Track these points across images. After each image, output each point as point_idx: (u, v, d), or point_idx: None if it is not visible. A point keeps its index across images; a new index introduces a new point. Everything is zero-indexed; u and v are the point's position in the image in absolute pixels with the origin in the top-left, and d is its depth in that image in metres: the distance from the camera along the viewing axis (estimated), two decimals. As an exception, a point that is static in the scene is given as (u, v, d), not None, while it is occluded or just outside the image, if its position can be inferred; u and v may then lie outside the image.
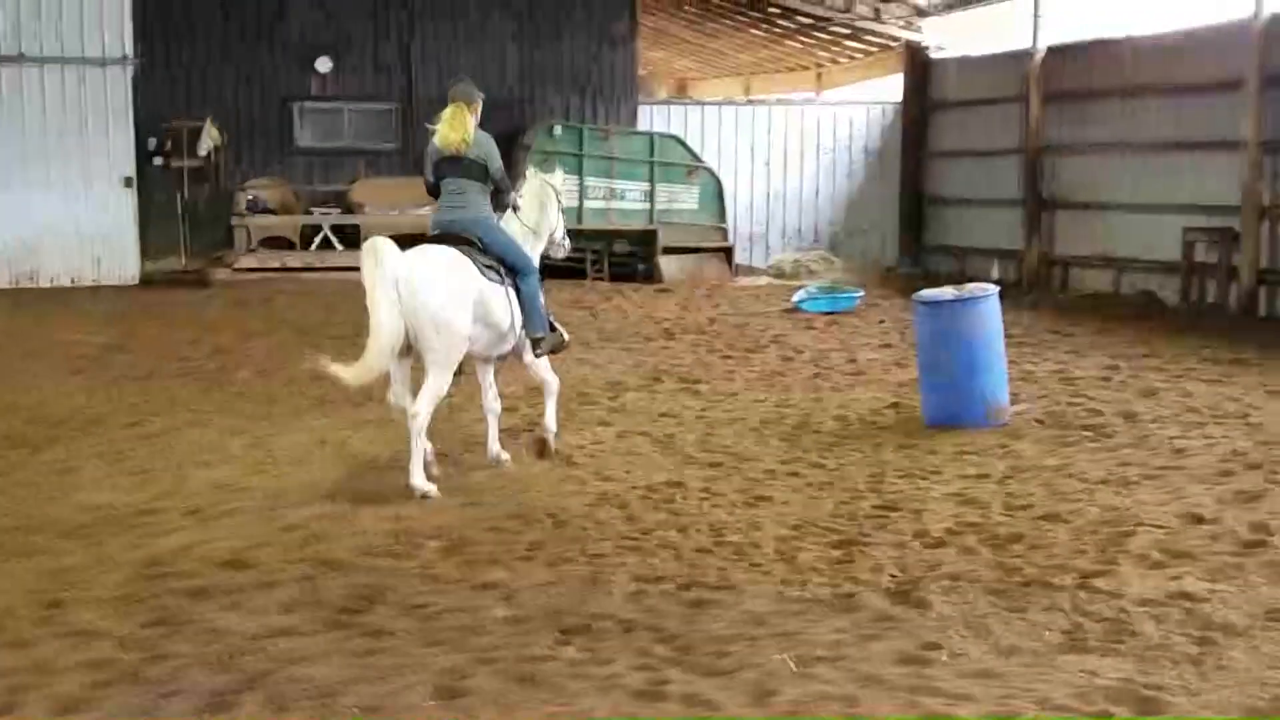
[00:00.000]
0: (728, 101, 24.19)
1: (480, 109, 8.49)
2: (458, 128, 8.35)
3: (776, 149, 22.74)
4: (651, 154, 20.59)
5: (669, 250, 20.43)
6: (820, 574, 6.25)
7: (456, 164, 8.38)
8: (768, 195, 22.74)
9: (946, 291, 9.91)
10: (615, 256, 20.42)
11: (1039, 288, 18.66)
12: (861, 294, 17.43)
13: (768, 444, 9.25)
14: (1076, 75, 18.48)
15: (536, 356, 8.57)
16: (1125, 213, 17.63)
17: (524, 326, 8.40)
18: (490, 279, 8.21)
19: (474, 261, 8.16)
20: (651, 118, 22.27)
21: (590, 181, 20.22)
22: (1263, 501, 7.31)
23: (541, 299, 8.50)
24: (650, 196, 20.52)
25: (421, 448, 7.80)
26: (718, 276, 20.46)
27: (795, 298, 17.26)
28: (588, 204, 20.18)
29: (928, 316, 9.84)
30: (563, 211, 9.57)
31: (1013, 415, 9.78)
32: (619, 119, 21.79)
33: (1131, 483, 7.84)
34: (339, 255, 19.19)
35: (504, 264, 8.33)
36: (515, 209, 8.83)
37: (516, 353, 8.55)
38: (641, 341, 14.42)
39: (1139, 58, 17.46)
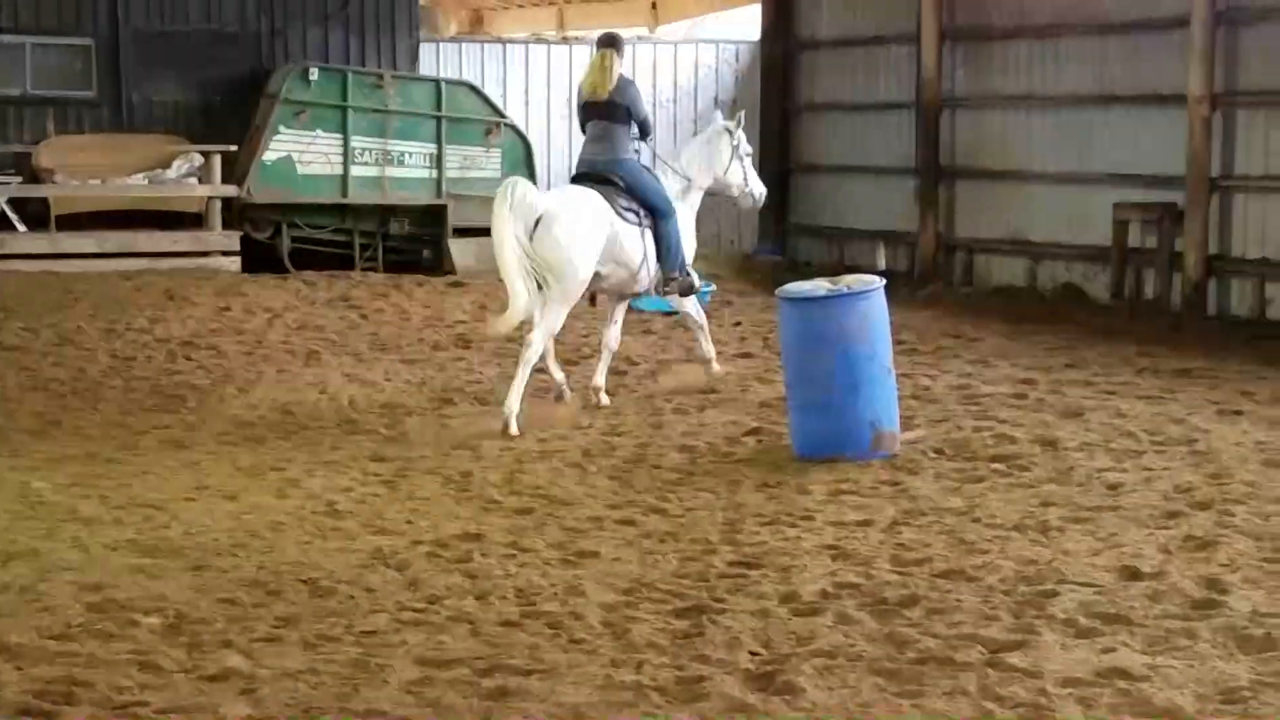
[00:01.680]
0: (537, 39, 24.17)
1: (625, 55, 11.57)
2: (602, 72, 11.40)
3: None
4: (439, 107, 20.47)
5: (463, 232, 20.31)
6: (660, 652, 6.26)
7: (600, 108, 11.41)
8: (592, 160, 22.78)
9: (819, 285, 10.02)
10: (392, 240, 20.26)
11: (936, 280, 19.02)
12: (712, 288, 17.55)
13: (593, 484, 9.25)
14: (979, 9, 18.87)
15: (664, 295, 11.79)
16: (1042, 184, 18.05)
17: (658, 264, 11.47)
18: (627, 220, 11.27)
19: (612, 203, 11.14)
20: (439, 59, 22.14)
21: (358, 143, 20.04)
22: (1215, 550, 7.54)
23: (682, 242, 11.69)
24: (438, 162, 20.39)
25: (525, 377, 10.60)
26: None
27: (627, 293, 17.30)
28: (355, 171, 20.00)
29: (796, 317, 9.94)
30: (747, 157, 12.84)
31: (905, 444, 9.93)
32: (396, 61, 21.63)
33: (1053, 528, 8.01)
34: (22, 239, 18.71)
35: (644, 205, 11.32)
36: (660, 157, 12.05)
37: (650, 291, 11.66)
38: (428, 351, 14.33)
39: (1054, -12, 17.94)
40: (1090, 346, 14.19)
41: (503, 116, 20.92)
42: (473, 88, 21.05)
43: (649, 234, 11.51)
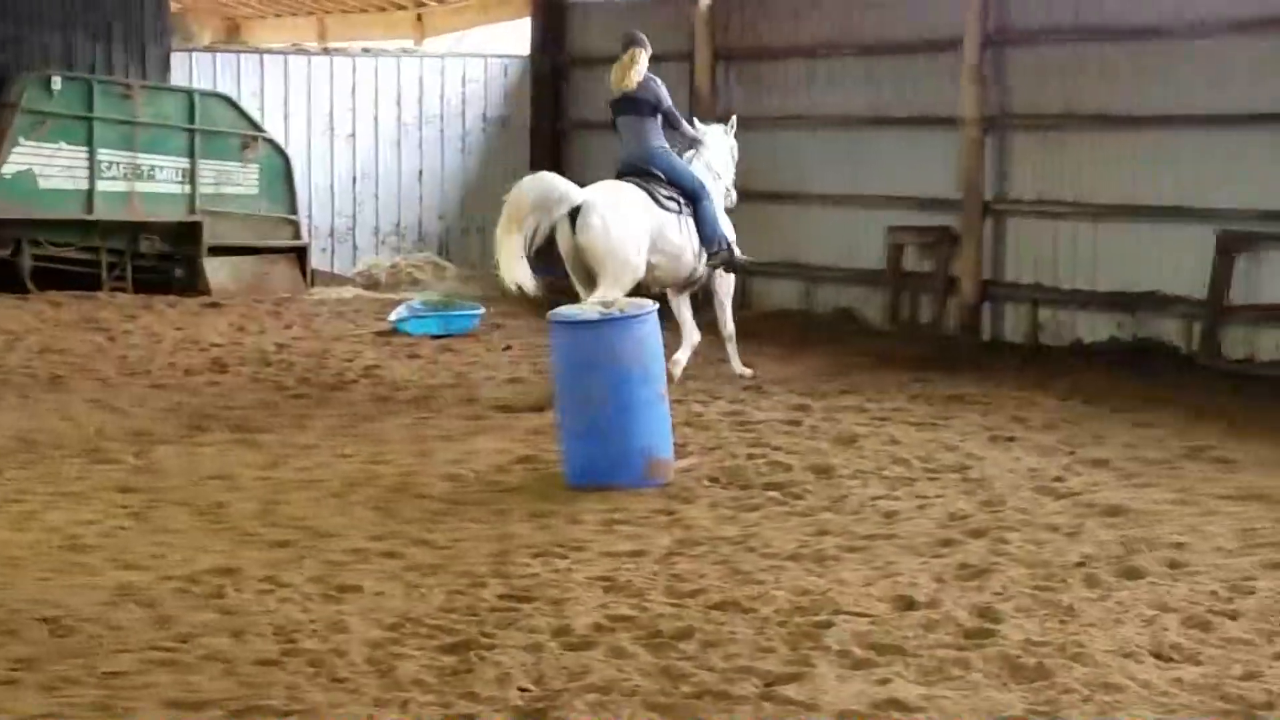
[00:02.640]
0: (297, 50, 23.93)
1: (649, 54, 13.26)
2: (626, 70, 13.15)
3: (365, 115, 22.64)
4: (192, 119, 20.17)
5: (219, 250, 20.04)
6: (427, 689, 6.22)
7: (629, 103, 13.14)
8: (354, 177, 22.61)
9: (592, 309, 10.06)
10: (143, 258, 19.89)
11: (709, 302, 19.17)
12: (482, 311, 17.55)
13: (355, 515, 9.17)
14: (753, 28, 19.13)
15: (710, 267, 13.06)
16: (817, 207, 18.33)
17: (701, 244, 12.83)
18: (668, 209, 12.65)
19: (652, 193, 12.58)
20: (192, 70, 21.80)
21: (105, 155, 19.65)
22: (988, 578, 7.71)
23: (721, 218, 13.14)
24: (191, 177, 20.08)
25: None
26: (287, 286, 20.21)
27: (394, 316, 17.22)
28: (102, 186, 19.60)
29: (568, 341, 9.97)
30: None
31: (678, 472, 10.01)
32: (146, 71, 21.25)
33: (829, 558, 8.13)
34: None
35: (681, 191, 12.70)
36: (697, 146, 13.51)
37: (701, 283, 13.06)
38: (180, 376, 14.11)
39: (826, 8, 18.22)
40: (865, 371, 14.44)
41: (260, 130, 20.69)
42: (228, 99, 20.78)
43: (689, 220, 12.90)
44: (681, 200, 12.92)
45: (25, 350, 15.29)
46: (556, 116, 22.56)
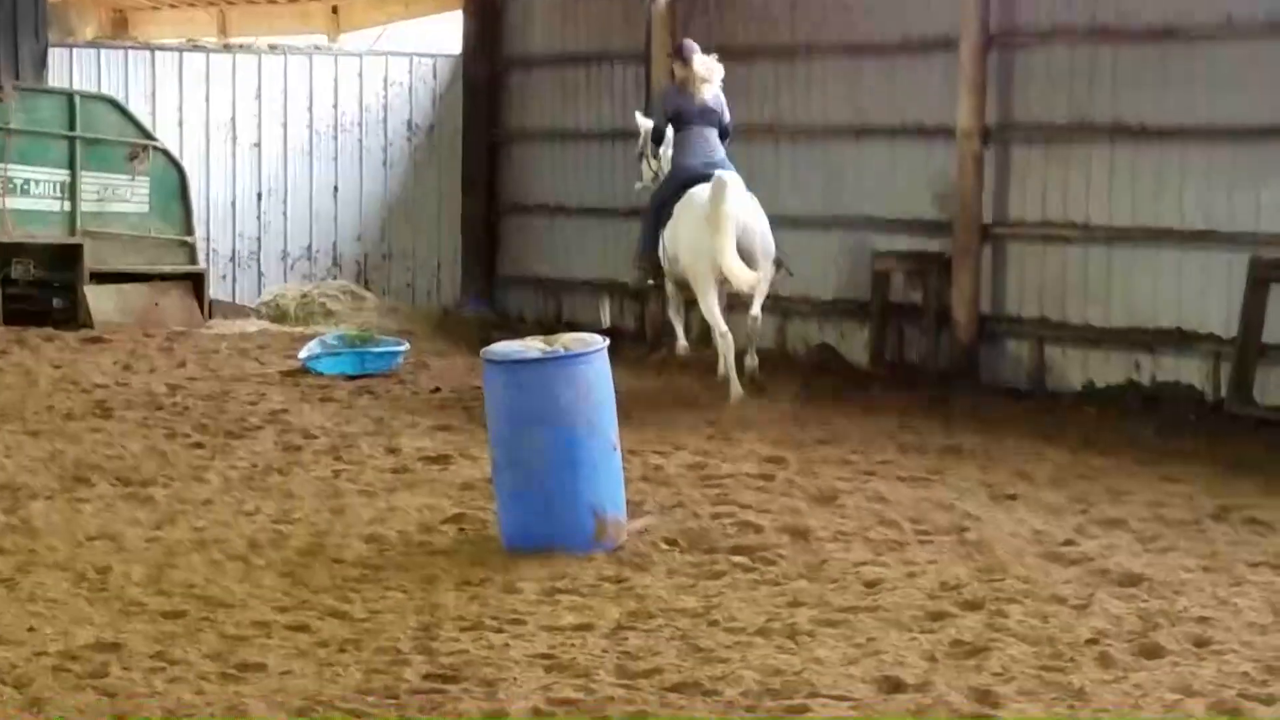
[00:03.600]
0: (193, 46, 23.94)
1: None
2: (703, 82, 15.39)
3: (272, 121, 22.65)
4: (72, 125, 20.14)
5: (103, 277, 19.99)
6: (340, 785, 6.19)
7: (708, 114, 15.47)
8: (259, 194, 22.61)
9: (532, 346, 10.06)
10: (15, 286, 19.81)
11: (669, 338, 19.23)
12: (405, 347, 17.53)
13: (259, 582, 9.14)
14: (717, 24, 19.18)
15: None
16: (791, 229, 18.26)
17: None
18: None
19: None
20: (73, 68, 21.79)
21: (-29, 167, 19.62)
22: (986, 657, 7.71)
23: None
24: (71, 192, 20.05)
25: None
26: (182, 318, 20.15)
27: (304, 353, 17.18)
28: (-32, 202, 19.57)
29: (504, 383, 9.95)
30: None
31: (632, 534, 10.00)
32: (19, 69, 21.21)
33: (803, 633, 8.13)
34: None
35: None
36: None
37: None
38: (59, 421, 14.04)
39: (800, 3, 18.30)
40: (847, 418, 14.46)
41: (151, 138, 20.66)
42: (114, 103, 20.75)
43: None
44: None
45: (-122, 391, 15.22)
46: (492, 125, 22.56)
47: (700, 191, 14.83)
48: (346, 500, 11.19)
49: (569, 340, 10.11)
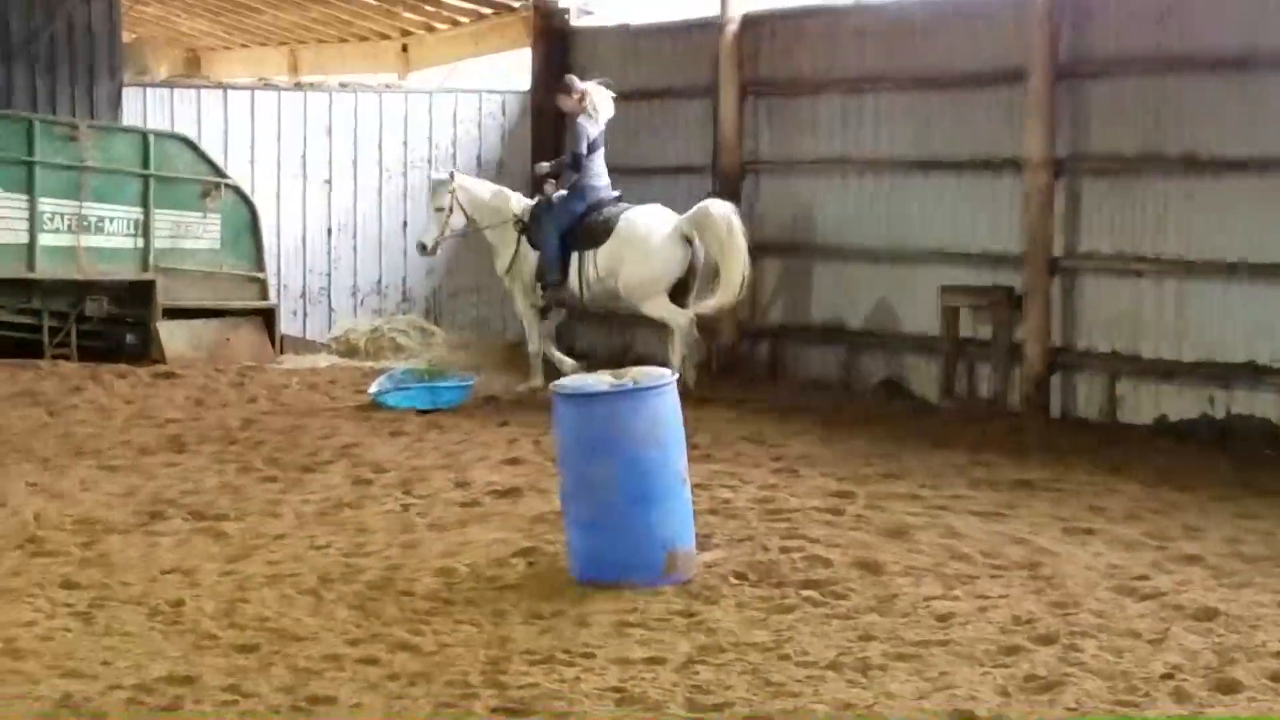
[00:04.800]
0: (265, 85, 24.10)
1: None
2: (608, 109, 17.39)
3: (342, 159, 22.76)
4: (146, 163, 20.28)
5: (175, 313, 20.11)
6: (412, 819, 6.20)
7: (601, 139, 17.42)
8: (329, 230, 22.70)
9: (602, 379, 10.07)
10: (89, 322, 19.96)
11: (738, 371, 19.22)
12: (474, 381, 17.57)
13: (331, 615, 9.16)
14: (786, 58, 19.20)
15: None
16: (859, 263, 18.35)
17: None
18: None
19: None
20: (146, 107, 21.94)
21: (48, 205, 19.75)
22: (1060, 692, 7.68)
23: None
24: (144, 229, 20.19)
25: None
26: (253, 354, 20.25)
27: (374, 388, 17.23)
28: (44, 240, 19.71)
29: (574, 417, 9.96)
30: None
31: (702, 567, 9.99)
32: (94, 109, 21.39)
33: (875, 667, 8.10)
34: None
35: None
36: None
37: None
38: (133, 456, 14.13)
39: (870, 35, 18.30)
40: (916, 453, 14.41)
41: (223, 176, 20.78)
42: (187, 141, 20.89)
43: None
44: None
45: (-47, 427, 15.34)
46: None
47: (643, 215, 17.44)
48: (417, 534, 11.21)
49: (638, 374, 10.12)
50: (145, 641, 8.61)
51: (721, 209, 16.94)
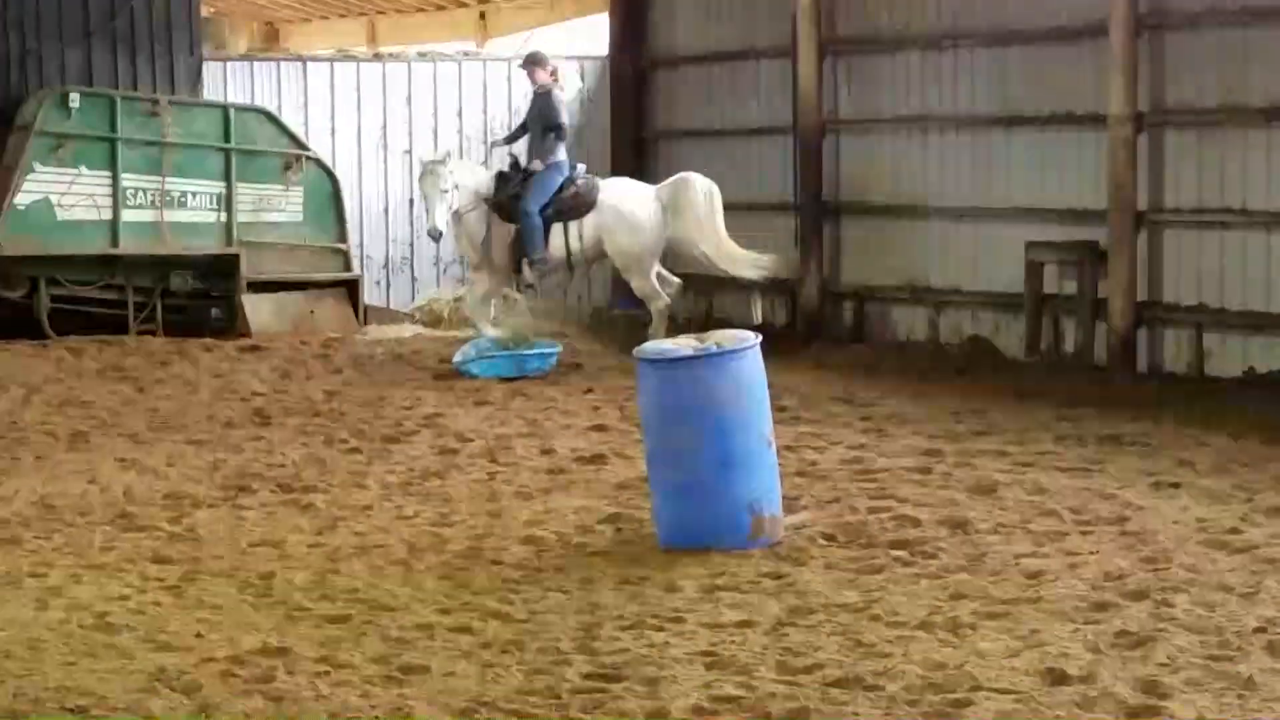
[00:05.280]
0: (344, 56, 24.19)
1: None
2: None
3: (423, 128, 22.83)
4: (227, 137, 20.38)
5: (259, 286, 20.22)
6: (505, 785, 6.23)
7: None
8: (412, 200, 22.75)
9: (684, 344, 10.07)
10: (174, 297, 20.09)
11: (822, 334, 19.19)
12: (558, 349, 17.60)
13: (420, 585, 9.20)
14: (864, 16, 19.12)
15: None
16: (943, 221, 18.29)
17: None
18: None
19: None
20: (226, 82, 22.06)
21: (130, 181, 19.88)
22: (1152, 647, 7.64)
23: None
24: (227, 203, 20.30)
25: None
26: (337, 325, 20.34)
27: (458, 357, 17.29)
28: (127, 216, 19.84)
29: (658, 382, 9.97)
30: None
31: (789, 529, 9.99)
32: (175, 84, 21.50)
33: (965, 626, 8.09)
34: None
35: None
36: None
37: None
38: (219, 429, 14.22)
39: (951, -8, 18.23)
40: (1003, 410, 14.37)
41: (304, 148, 20.86)
42: (267, 114, 20.98)
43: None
44: None
45: (44, 404, 15.46)
46: (639, 124, 22.62)
47: (623, 187, 18.13)
48: (503, 503, 11.25)
49: (721, 337, 10.11)
50: (237, 614, 8.67)
51: (703, 182, 17.66)
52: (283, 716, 7.02)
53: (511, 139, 18.21)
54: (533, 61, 18.08)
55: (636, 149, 22.62)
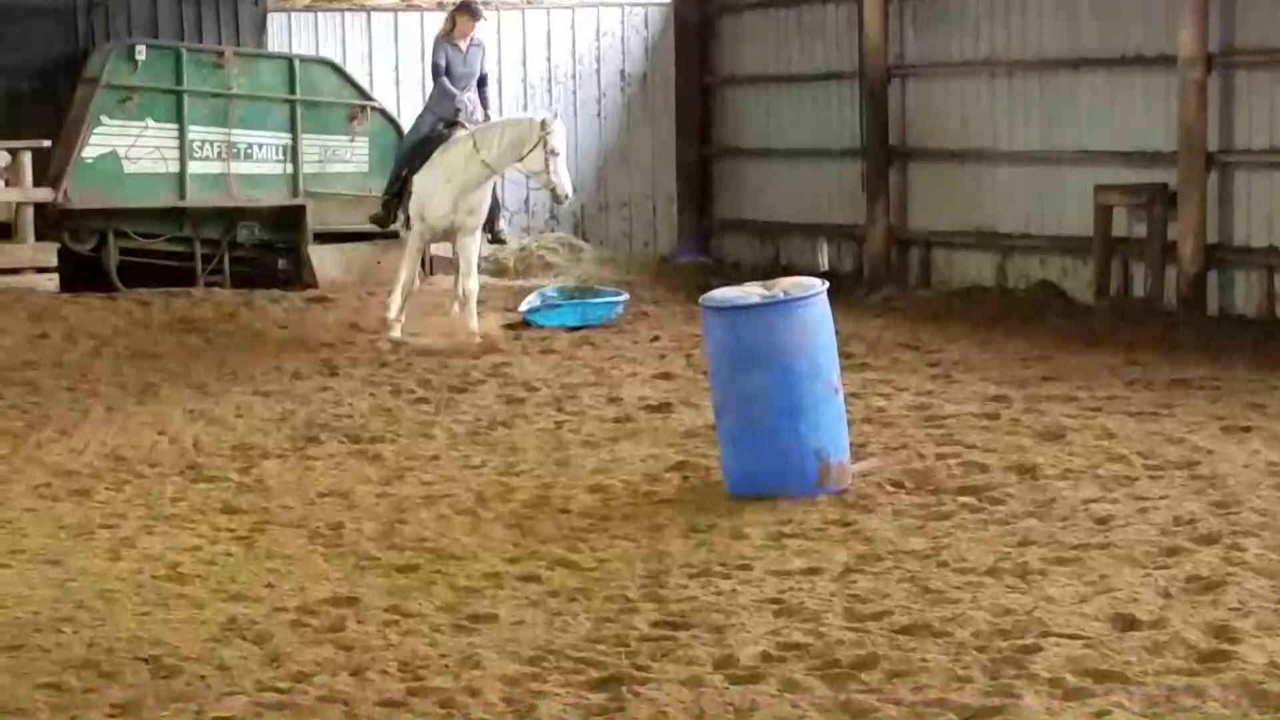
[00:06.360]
0: (408, 6, 24.13)
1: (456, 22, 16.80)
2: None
3: (487, 76, 22.77)
4: (293, 89, 20.37)
5: (325, 237, 20.24)
6: (574, 733, 6.26)
7: None
8: (476, 148, 22.74)
9: (751, 291, 10.06)
10: (241, 249, 20.15)
11: (890, 281, 19.15)
12: (624, 298, 17.60)
13: (488, 534, 9.25)
14: (931, -40, 19.04)
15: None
16: (1010, 165, 18.20)
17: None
18: None
19: None
20: (291, 32, 22.05)
21: (197, 134, 19.90)
22: (1223, 592, 7.62)
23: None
24: (293, 155, 20.29)
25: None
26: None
27: (524, 306, 17.32)
28: (194, 168, 19.86)
29: (724, 330, 9.97)
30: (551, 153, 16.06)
31: (856, 476, 9.99)
32: (239, 36, 21.52)
33: (1034, 572, 8.08)
34: None
35: None
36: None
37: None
38: (286, 380, 14.28)
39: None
40: (1071, 355, 14.32)
41: (369, 99, 20.84)
42: (332, 65, 20.96)
43: None
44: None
45: (113, 356, 15.55)
46: (704, 72, 22.57)
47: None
48: (570, 451, 11.27)
49: (788, 284, 10.11)
50: (306, 564, 8.73)
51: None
52: (353, 665, 7.06)
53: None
54: (468, 13, 16.94)
55: (703, 95, 22.57)
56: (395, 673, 6.97)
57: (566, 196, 16.43)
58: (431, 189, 16.23)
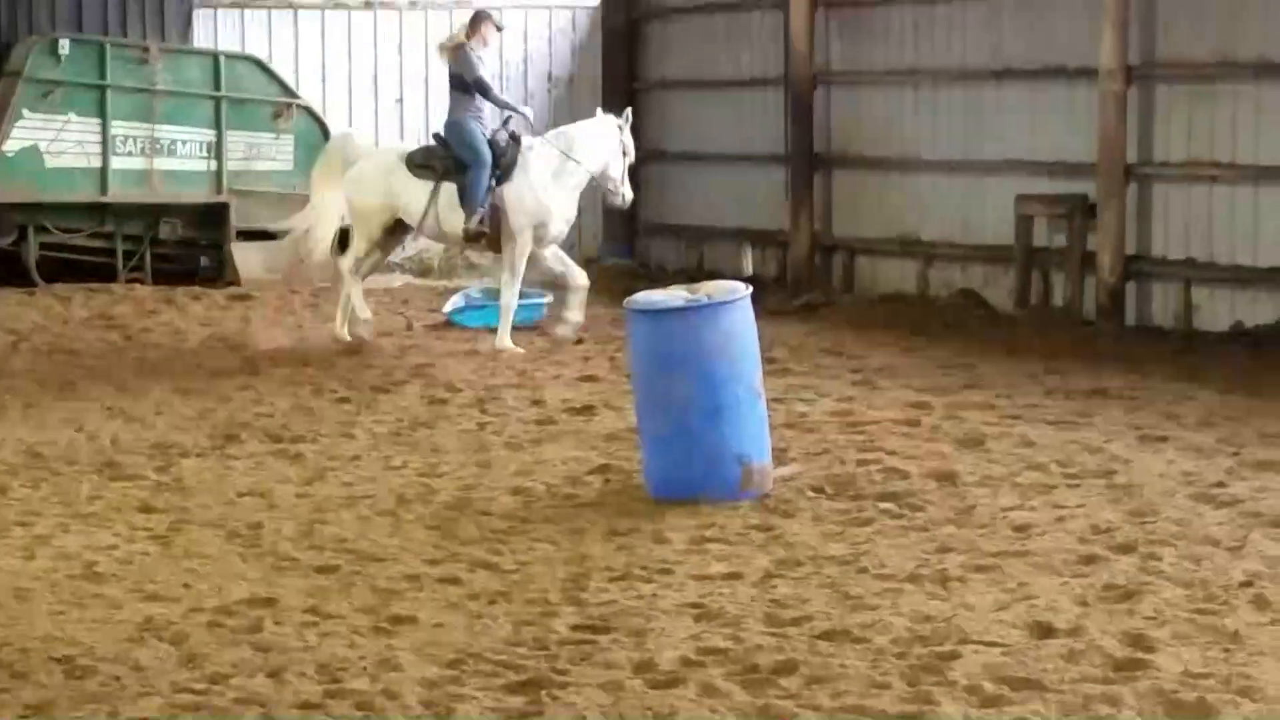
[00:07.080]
0: (335, 5, 24.06)
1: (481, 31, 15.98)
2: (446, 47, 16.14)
3: (414, 77, 22.72)
4: (218, 85, 20.31)
5: (249, 235, 20.16)
6: (492, 736, 6.23)
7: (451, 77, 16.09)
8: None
9: (675, 294, 10.06)
10: (163, 245, 20.04)
11: (813, 286, 19.18)
12: (548, 299, 17.57)
13: (409, 535, 9.21)
14: (856, -31, 19.09)
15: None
16: (933, 174, 18.26)
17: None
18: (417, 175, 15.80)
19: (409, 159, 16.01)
20: (217, 29, 21.95)
21: (120, 129, 19.81)
22: (1139, 601, 7.65)
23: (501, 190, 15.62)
24: (217, 151, 20.22)
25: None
26: (327, 275, 20.27)
27: (448, 307, 17.28)
28: (117, 163, 19.77)
29: (647, 332, 9.96)
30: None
31: (778, 481, 9.99)
32: (164, 31, 21.40)
33: (953, 579, 8.09)
34: None
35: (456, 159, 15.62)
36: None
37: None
38: (206, 379, 14.19)
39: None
40: (992, 363, 14.37)
41: (295, 96, 20.79)
42: (258, 62, 20.89)
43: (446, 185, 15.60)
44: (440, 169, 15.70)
45: (31, 352, 15.45)
46: (631, 75, 22.59)
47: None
48: (493, 453, 11.25)
49: (712, 288, 10.11)
50: (224, 564, 8.67)
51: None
52: (270, 667, 7.01)
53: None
54: (487, 24, 16.33)
55: (628, 100, 22.53)
56: (313, 675, 6.92)
57: (628, 201, 16.53)
58: (548, 199, 15.64)
